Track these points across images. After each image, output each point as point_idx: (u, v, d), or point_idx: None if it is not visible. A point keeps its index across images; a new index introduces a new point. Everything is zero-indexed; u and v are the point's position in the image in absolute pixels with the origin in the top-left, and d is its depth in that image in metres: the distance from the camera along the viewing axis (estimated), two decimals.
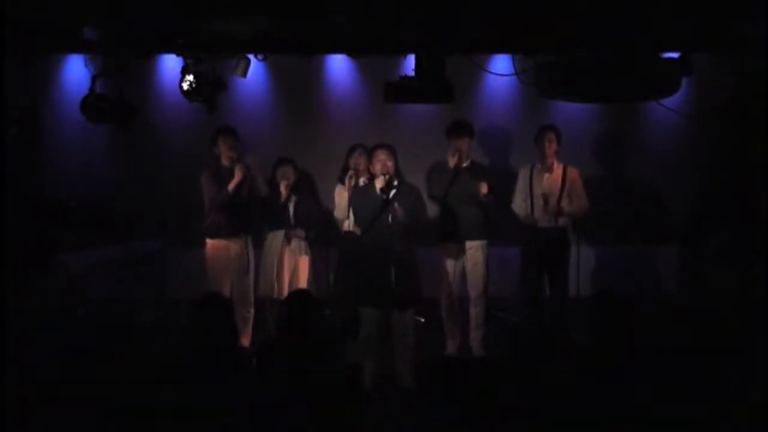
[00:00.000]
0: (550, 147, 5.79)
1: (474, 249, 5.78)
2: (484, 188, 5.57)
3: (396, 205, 5.06)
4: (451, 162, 5.70)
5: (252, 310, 5.85)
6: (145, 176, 6.79)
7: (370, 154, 5.33)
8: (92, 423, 3.31)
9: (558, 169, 5.85)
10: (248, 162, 5.70)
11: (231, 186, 5.57)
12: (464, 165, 5.75)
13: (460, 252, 5.79)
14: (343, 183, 5.92)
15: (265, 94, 6.98)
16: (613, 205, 6.81)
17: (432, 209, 5.87)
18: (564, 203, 5.80)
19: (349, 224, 5.79)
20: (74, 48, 6.09)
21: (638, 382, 3.23)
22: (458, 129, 5.76)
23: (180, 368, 3.42)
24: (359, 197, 5.31)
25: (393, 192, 5.12)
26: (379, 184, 5.14)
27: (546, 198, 5.75)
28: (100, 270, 6.11)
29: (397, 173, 5.26)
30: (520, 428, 3.09)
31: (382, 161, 5.18)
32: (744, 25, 4.95)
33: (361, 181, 5.75)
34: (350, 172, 5.71)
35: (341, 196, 5.84)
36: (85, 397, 3.38)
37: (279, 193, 5.82)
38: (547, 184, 5.82)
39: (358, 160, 5.93)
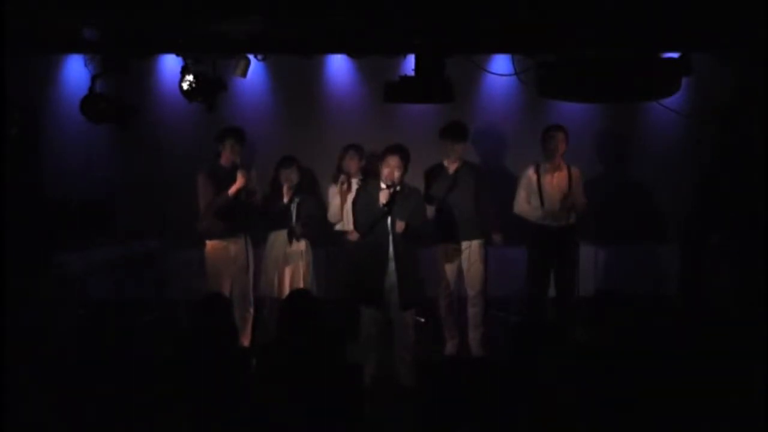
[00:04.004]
0: (560, 147, 5.78)
1: (472, 248, 5.79)
2: (497, 238, 5.83)
3: (398, 217, 5.03)
4: (451, 167, 5.72)
5: (252, 310, 5.85)
6: (145, 176, 6.79)
7: (381, 155, 5.16)
8: (92, 422, 3.31)
9: (564, 168, 5.86)
10: (251, 174, 5.69)
11: (232, 191, 5.54)
12: (461, 167, 5.77)
13: (458, 252, 5.80)
14: (336, 183, 5.92)
15: (265, 94, 6.98)
16: (613, 205, 6.82)
17: (430, 211, 5.87)
18: (570, 200, 5.82)
19: (342, 226, 5.80)
20: (74, 48, 6.09)
21: (638, 382, 3.23)
22: (455, 133, 5.75)
23: (180, 368, 3.42)
24: (359, 203, 5.26)
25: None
26: (383, 198, 4.98)
27: (564, 196, 5.76)
28: (100, 270, 6.11)
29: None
30: (520, 428, 3.09)
31: (390, 168, 5.01)
32: (744, 25, 4.95)
33: (354, 182, 5.74)
34: (342, 177, 5.72)
35: (336, 199, 5.84)
36: (85, 396, 3.38)
37: (281, 193, 5.82)
38: (558, 183, 5.82)
39: (351, 161, 5.92)
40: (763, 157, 5.95)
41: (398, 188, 5.06)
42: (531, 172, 5.89)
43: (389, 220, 5.05)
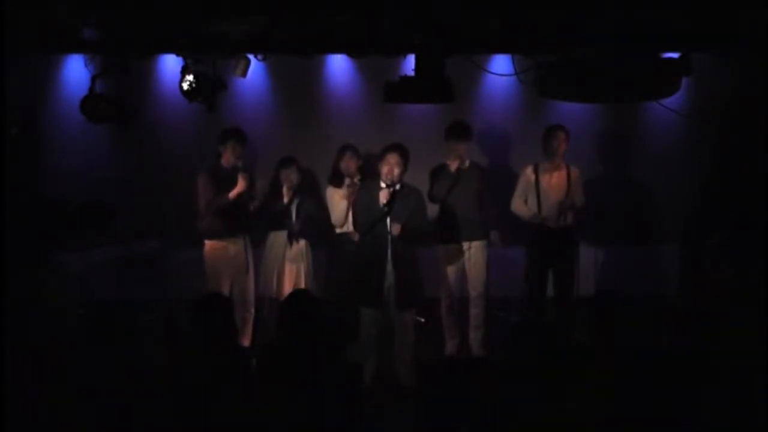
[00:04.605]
0: (562, 146, 5.80)
1: (474, 249, 5.79)
2: (495, 237, 5.80)
3: (395, 220, 5.02)
4: (453, 165, 5.72)
5: (252, 310, 5.85)
6: (145, 176, 6.79)
7: (380, 154, 5.22)
8: (92, 422, 3.31)
9: (563, 168, 5.87)
10: (256, 179, 5.70)
11: (233, 194, 5.55)
12: (464, 167, 5.78)
13: (460, 253, 5.80)
14: (333, 185, 5.92)
15: (265, 94, 6.98)
16: (613, 205, 6.81)
17: (433, 210, 5.88)
18: (569, 202, 5.83)
19: (347, 227, 5.80)
20: (74, 48, 6.08)
21: (638, 382, 3.23)
22: (458, 132, 5.78)
23: (180, 369, 3.42)
24: (359, 204, 5.26)
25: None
26: (383, 197, 5.02)
27: (565, 195, 5.78)
28: (100, 270, 6.11)
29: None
30: (520, 428, 3.09)
31: (390, 166, 5.06)
32: (744, 25, 4.95)
33: (355, 180, 5.76)
34: (347, 180, 5.74)
35: (335, 201, 5.83)
36: (85, 397, 3.38)
37: (282, 194, 5.82)
38: (557, 182, 5.84)
39: (349, 162, 5.92)
40: (763, 157, 5.95)
41: (398, 187, 5.07)
42: (529, 172, 5.92)
43: (389, 220, 5.05)
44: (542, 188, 5.84)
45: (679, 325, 5.53)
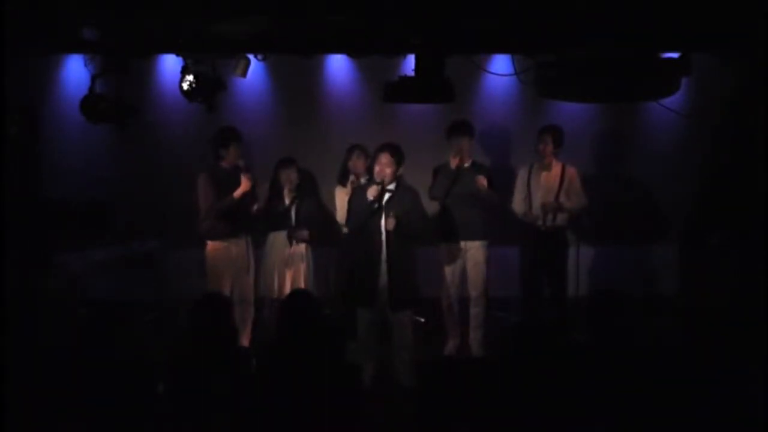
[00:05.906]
0: (547, 146, 5.83)
1: (475, 249, 5.79)
2: (482, 181, 5.58)
3: (390, 214, 5.01)
4: (453, 162, 5.73)
5: (252, 310, 5.84)
6: (145, 176, 6.79)
7: (373, 153, 5.23)
8: (92, 422, 3.31)
9: (556, 168, 5.89)
10: (257, 179, 5.69)
11: (237, 194, 5.53)
12: (466, 165, 5.78)
13: (461, 252, 5.80)
14: (342, 185, 5.93)
15: (265, 94, 6.98)
16: (613, 205, 6.82)
17: (433, 209, 5.88)
18: (562, 199, 5.84)
19: None
20: (74, 48, 6.09)
21: (638, 382, 3.23)
22: (457, 129, 5.80)
23: (180, 368, 3.42)
24: (354, 202, 5.26)
25: (387, 197, 5.07)
26: (371, 194, 5.00)
27: (555, 197, 5.81)
28: (100, 270, 6.11)
29: (396, 177, 5.14)
30: (520, 428, 3.09)
31: (381, 165, 5.05)
32: (744, 25, 4.95)
33: (362, 181, 5.77)
34: (351, 178, 5.73)
35: (344, 200, 5.84)
36: (85, 396, 3.38)
37: (282, 195, 5.82)
38: (545, 182, 5.86)
39: (357, 162, 5.93)
40: (763, 157, 5.95)
41: (390, 186, 5.05)
42: (523, 172, 5.95)
43: (382, 219, 5.04)
44: (531, 188, 5.87)
45: (679, 325, 5.54)
